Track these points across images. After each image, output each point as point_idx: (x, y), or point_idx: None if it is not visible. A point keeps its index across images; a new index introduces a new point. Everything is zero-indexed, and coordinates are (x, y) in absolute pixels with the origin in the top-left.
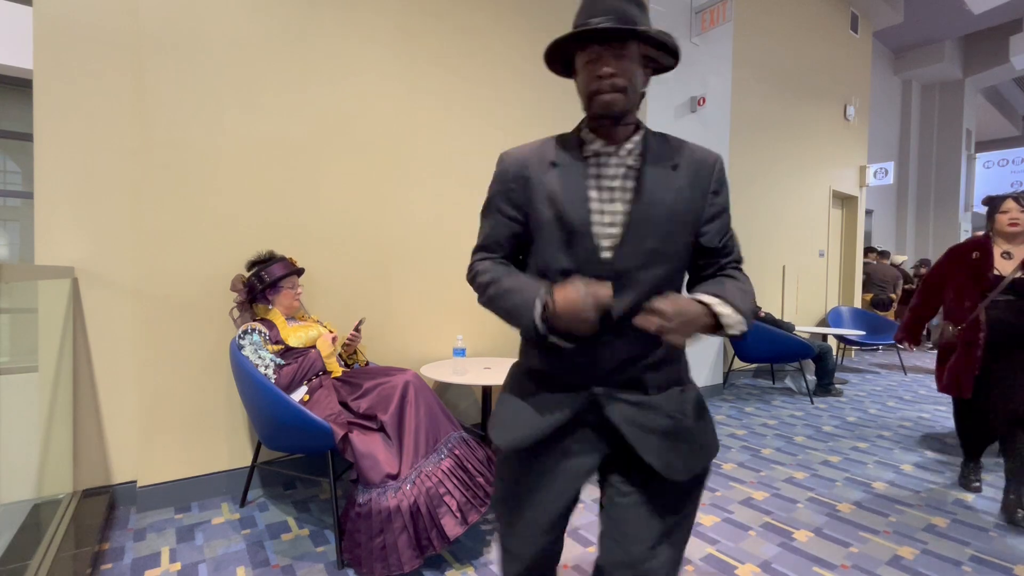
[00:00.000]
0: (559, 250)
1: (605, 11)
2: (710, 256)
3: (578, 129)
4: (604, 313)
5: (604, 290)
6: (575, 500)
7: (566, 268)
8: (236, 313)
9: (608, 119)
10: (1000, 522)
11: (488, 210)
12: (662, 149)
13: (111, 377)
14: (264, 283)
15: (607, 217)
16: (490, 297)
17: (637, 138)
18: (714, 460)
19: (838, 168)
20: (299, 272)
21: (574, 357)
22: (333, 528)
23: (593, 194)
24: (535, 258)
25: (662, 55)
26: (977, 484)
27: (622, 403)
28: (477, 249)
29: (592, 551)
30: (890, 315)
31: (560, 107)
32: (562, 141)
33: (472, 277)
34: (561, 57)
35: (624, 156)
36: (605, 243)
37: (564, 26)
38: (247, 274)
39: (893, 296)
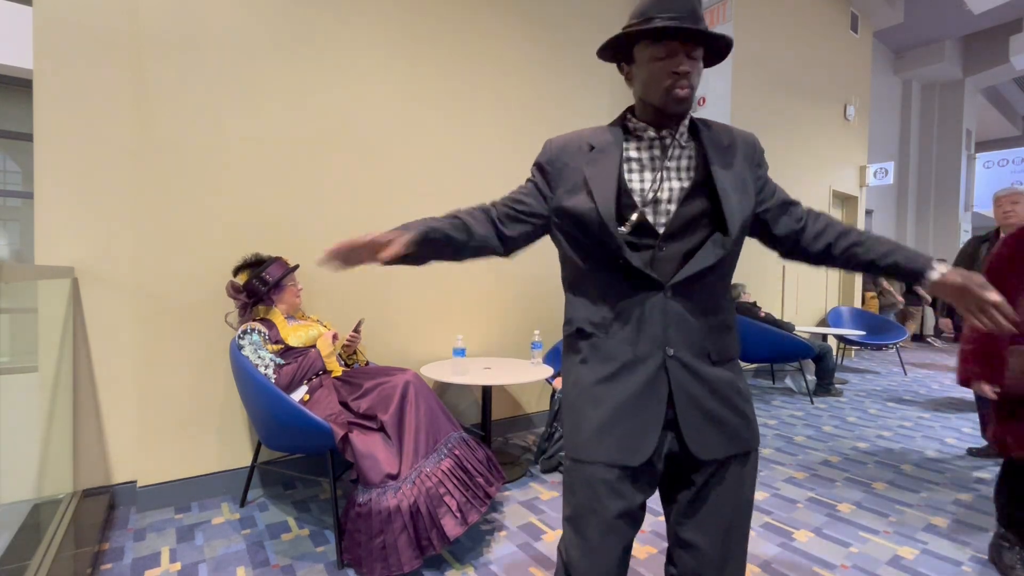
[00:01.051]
0: (598, 230)
1: (681, 9)
2: (786, 214)
3: (623, 118)
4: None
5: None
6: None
7: (595, 246)
8: (233, 318)
9: (678, 115)
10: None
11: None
12: (711, 131)
13: (111, 377)
14: (268, 285)
15: (664, 194)
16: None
17: (686, 122)
18: None
19: (838, 168)
20: (295, 268)
21: (645, 316)
22: (333, 528)
23: (628, 175)
24: (569, 244)
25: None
26: None
27: (686, 372)
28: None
29: None
30: (873, 309)
31: (562, 108)
32: (607, 129)
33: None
34: (612, 44)
35: (680, 138)
36: (661, 219)
37: (565, 27)
38: (239, 279)
39: (869, 293)
